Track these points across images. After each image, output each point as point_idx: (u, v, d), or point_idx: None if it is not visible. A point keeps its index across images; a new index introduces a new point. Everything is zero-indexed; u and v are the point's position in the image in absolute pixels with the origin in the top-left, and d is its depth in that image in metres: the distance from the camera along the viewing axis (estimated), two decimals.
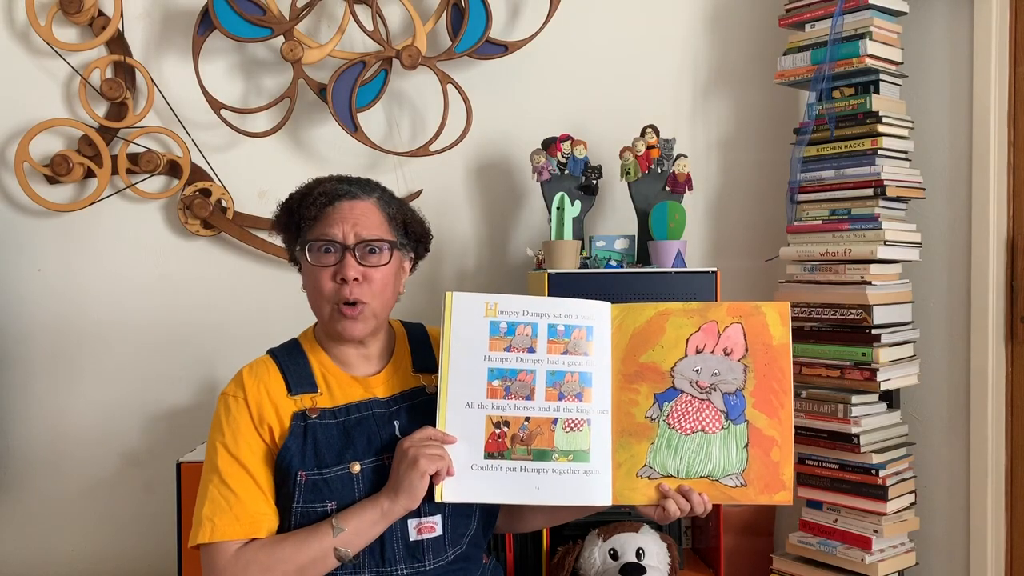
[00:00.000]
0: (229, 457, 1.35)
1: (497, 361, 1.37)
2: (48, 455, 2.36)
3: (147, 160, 2.27)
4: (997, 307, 2.00)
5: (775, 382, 1.35)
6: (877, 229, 1.93)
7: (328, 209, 1.40)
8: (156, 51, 2.34)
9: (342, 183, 1.45)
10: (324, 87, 2.24)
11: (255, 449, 1.37)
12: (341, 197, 1.41)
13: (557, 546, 1.97)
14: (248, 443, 1.36)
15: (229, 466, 1.35)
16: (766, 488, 1.40)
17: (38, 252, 2.34)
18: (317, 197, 1.41)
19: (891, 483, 1.95)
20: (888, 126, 1.95)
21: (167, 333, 2.36)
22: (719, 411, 1.38)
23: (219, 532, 1.31)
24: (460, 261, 2.38)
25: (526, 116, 2.35)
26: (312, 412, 1.38)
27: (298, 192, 1.46)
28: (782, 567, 2.08)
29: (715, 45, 2.40)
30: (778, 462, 1.40)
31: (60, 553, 2.37)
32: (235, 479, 1.34)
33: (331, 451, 1.36)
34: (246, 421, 1.37)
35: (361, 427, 1.39)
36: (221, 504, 1.32)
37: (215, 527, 1.31)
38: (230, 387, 1.41)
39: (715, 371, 1.39)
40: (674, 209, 2.09)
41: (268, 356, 1.46)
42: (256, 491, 1.34)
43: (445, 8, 2.26)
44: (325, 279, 1.39)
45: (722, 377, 1.38)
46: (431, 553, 1.37)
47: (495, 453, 1.35)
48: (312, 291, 1.42)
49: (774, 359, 1.35)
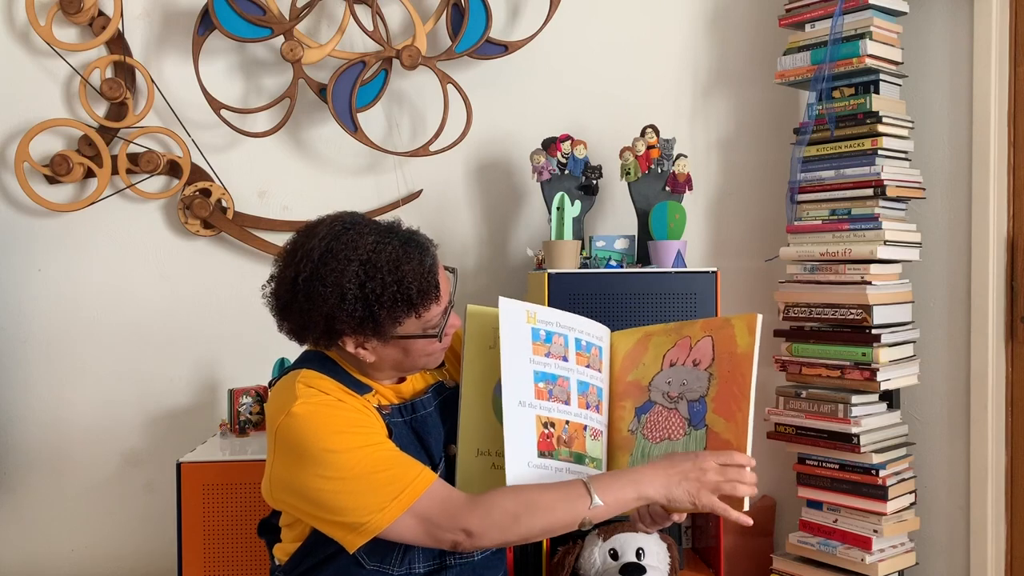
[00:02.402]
0: (351, 435, 1.24)
1: (541, 365, 1.38)
2: (48, 455, 2.36)
3: (147, 160, 2.27)
4: (997, 307, 2.00)
5: (736, 387, 1.35)
6: (877, 229, 1.93)
7: (435, 282, 1.30)
8: (156, 51, 2.34)
9: (415, 246, 1.30)
10: (324, 87, 2.24)
11: (377, 429, 1.27)
12: (437, 262, 1.32)
13: (557, 546, 1.97)
14: (371, 424, 1.27)
15: (372, 442, 1.24)
16: None
17: (38, 252, 2.34)
18: (429, 274, 1.28)
19: (891, 483, 1.95)
20: (888, 126, 1.95)
21: (167, 333, 2.36)
22: (683, 418, 1.39)
23: (422, 481, 1.22)
24: (460, 261, 2.38)
25: (526, 116, 2.35)
26: (384, 409, 1.33)
27: (403, 281, 1.26)
28: (782, 567, 2.08)
29: (715, 45, 2.40)
30: None
31: (60, 553, 2.37)
32: (389, 448, 1.25)
33: (413, 452, 1.32)
34: (353, 408, 1.27)
35: (424, 425, 1.38)
36: (397, 467, 1.23)
37: (414, 482, 1.22)
38: (295, 405, 1.25)
39: (683, 381, 1.40)
40: (674, 209, 2.09)
41: (306, 369, 1.33)
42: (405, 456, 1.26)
43: (445, 8, 2.26)
44: (439, 341, 1.34)
45: (688, 386, 1.40)
46: None
47: (545, 452, 1.36)
48: (418, 353, 1.33)
49: (737, 366, 1.35)
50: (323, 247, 1.26)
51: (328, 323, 1.26)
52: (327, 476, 1.23)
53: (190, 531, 1.91)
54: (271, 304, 1.33)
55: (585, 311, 1.75)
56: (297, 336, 1.32)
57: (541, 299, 1.98)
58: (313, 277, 1.24)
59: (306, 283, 1.25)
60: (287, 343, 1.49)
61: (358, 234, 1.27)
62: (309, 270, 1.25)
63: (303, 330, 1.30)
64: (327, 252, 1.25)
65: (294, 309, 1.28)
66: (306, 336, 1.31)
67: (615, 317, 1.97)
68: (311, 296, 1.25)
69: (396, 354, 1.32)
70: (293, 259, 1.28)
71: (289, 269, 1.28)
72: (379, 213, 2.34)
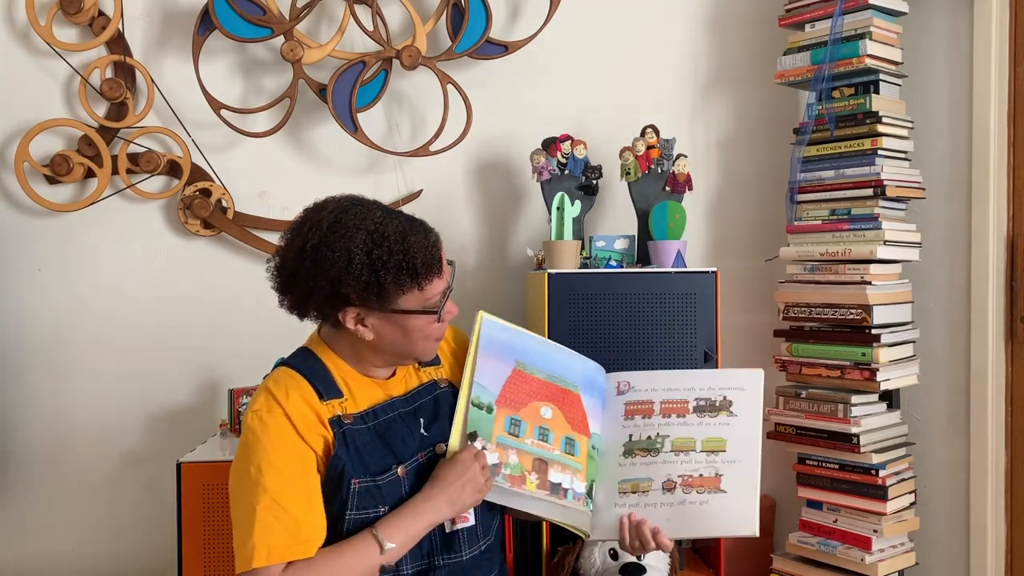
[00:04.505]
0: (275, 473, 1.27)
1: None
2: (48, 455, 2.36)
3: (147, 160, 2.27)
4: (997, 307, 2.00)
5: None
6: (877, 229, 1.93)
7: (439, 257, 1.35)
8: (156, 51, 2.34)
9: (420, 224, 1.36)
10: (324, 87, 2.24)
11: (305, 460, 1.30)
12: (440, 240, 1.37)
13: (557, 546, 1.97)
14: (296, 455, 1.30)
15: (277, 483, 1.26)
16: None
17: (38, 252, 2.34)
18: (433, 248, 1.34)
19: (891, 483, 1.95)
20: (888, 126, 1.95)
21: (167, 333, 2.36)
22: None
23: (276, 554, 1.24)
24: (460, 261, 2.38)
25: (526, 116, 2.35)
26: (345, 418, 1.35)
27: (409, 251, 1.30)
28: (782, 567, 2.08)
29: (715, 45, 2.40)
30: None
31: (60, 553, 2.37)
32: (286, 496, 1.26)
33: (375, 456, 1.34)
34: (289, 433, 1.30)
35: (392, 430, 1.39)
36: (274, 526, 1.24)
37: (271, 550, 1.23)
38: (259, 404, 1.32)
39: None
40: (674, 209, 2.09)
41: (286, 367, 1.38)
42: (309, 506, 1.28)
43: (445, 8, 2.26)
44: (438, 323, 1.38)
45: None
46: (466, 543, 1.39)
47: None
48: (417, 334, 1.36)
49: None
50: (332, 218, 1.31)
51: (334, 287, 1.29)
52: (247, 479, 1.29)
53: (190, 531, 1.91)
54: (274, 277, 1.36)
55: (585, 311, 1.75)
56: (299, 307, 1.35)
57: (541, 299, 1.98)
58: (322, 244, 1.29)
59: (314, 250, 1.29)
60: (287, 343, 1.50)
61: (366, 208, 1.33)
62: (318, 238, 1.29)
63: (307, 298, 1.33)
64: (336, 222, 1.30)
65: (300, 276, 1.31)
66: (308, 306, 1.34)
67: (615, 317, 1.98)
68: (319, 261, 1.29)
69: (394, 333, 1.35)
70: (302, 230, 1.32)
71: (297, 239, 1.32)
72: None
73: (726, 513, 1.44)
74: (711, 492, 1.45)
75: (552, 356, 1.54)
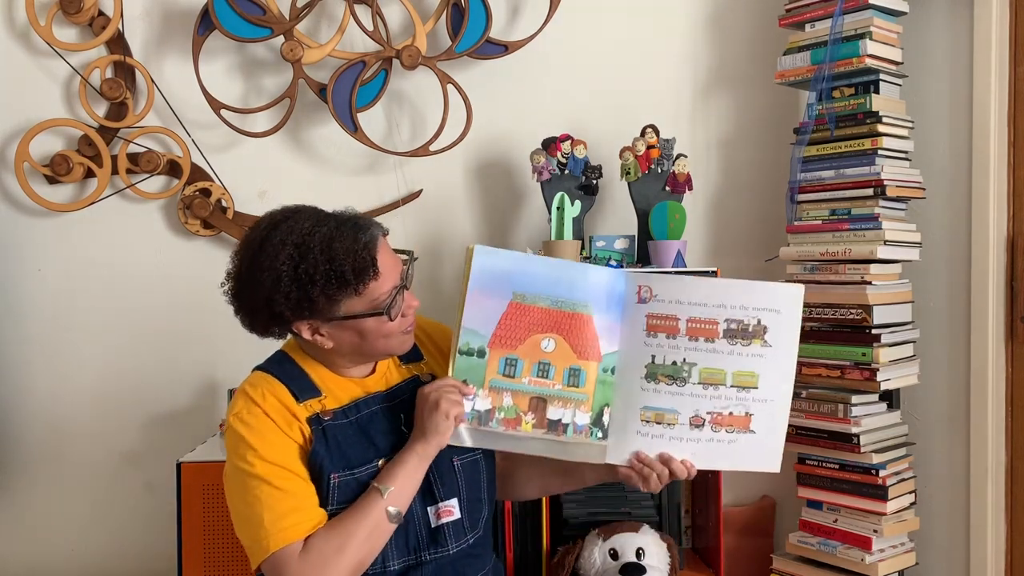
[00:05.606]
0: (267, 464, 1.29)
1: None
2: (48, 455, 2.36)
3: (147, 160, 2.27)
4: (997, 307, 2.00)
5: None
6: (877, 229, 1.93)
7: (377, 256, 1.32)
8: (156, 51, 2.34)
9: (351, 227, 1.32)
10: (324, 87, 2.24)
11: (289, 450, 1.32)
12: (375, 240, 1.34)
13: (557, 546, 1.97)
14: (282, 446, 1.32)
15: (271, 471, 1.29)
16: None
17: (38, 252, 2.34)
18: (363, 251, 1.29)
19: (891, 483, 1.95)
20: (888, 126, 1.95)
21: (167, 333, 2.36)
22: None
23: (291, 533, 1.26)
24: (460, 261, 2.37)
25: (526, 116, 2.35)
26: (324, 415, 1.36)
27: (335, 259, 1.28)
28: (782, 567, 2.08)
29: (715, 45, 2.40)
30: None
31: (60, 553, 2.37)
32: (283, 479, 1.29)
33: (355, 450, 1.35)
34: (271, 428, 1.32)
35: (374, 423, 1.39)
36: (279, 508, 1.27)
37: (284, 531, 1.26)
38: (239, 407, 1.35)
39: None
40: (674, 209, 2.09)
41: (261, 372, 1.40)
42: (306, 484, 1.31)
43: (445, 8, 2.26)
44: (400, 319, 1.36)
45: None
46: (453, 537, 1.39)
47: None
48: (374, 335, 1.34)
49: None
50: (261, 236, 1.31)
51: (269, 308, 1.30)
52: (241, 475, 1.31)
53: (190, 531, 1.91)
54: (229, 302, 1.38)
55: None
56: (252, 329, 1.37)
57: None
58: (253, 266, 1.30)
59: (247, 272, 1.31)
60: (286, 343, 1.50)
61: (295, 221, 1.31)
62: (249, 260, 1.31)
63: (254, 321, 1.35)
64: (264, 240, 1.30)
65: (242, 298, 1.34)
66: (257, 326, 1.36)
67: None
68: (251, 284, 1.30)
69: (352, 337, 1.35)
70: (239, 252, 1.35)
71: (234, 264, 1.35)
72: (379, 213, 2.34)
73: (751, 450, 1.41)
74: (740, 432, 1.40)
75: (558, 276, 1.41)
